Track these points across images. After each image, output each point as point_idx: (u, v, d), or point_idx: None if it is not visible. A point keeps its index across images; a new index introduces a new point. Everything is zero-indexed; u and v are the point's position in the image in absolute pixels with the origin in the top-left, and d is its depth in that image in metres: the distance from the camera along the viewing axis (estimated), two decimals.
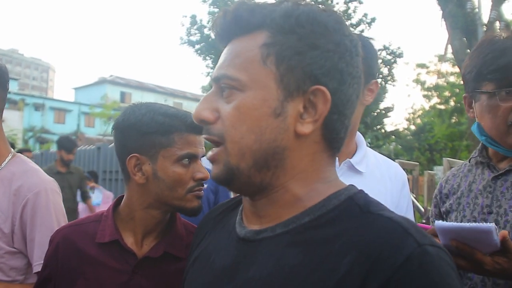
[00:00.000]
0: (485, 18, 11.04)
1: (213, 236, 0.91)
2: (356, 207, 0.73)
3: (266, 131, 0.73)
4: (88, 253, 1.23)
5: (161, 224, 1.28)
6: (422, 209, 5.25)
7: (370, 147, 1.65)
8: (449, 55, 12.68)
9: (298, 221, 0.74)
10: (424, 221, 5.04)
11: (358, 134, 1.53)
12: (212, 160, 0.78)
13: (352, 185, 0.80)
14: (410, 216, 1.49)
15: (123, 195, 1.33)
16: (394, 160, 1.91)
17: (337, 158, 1.37)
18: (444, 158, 5.23)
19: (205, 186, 1.33)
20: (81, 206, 6.35)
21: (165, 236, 1.27)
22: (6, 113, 1.60)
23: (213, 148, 0.77)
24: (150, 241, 1.26)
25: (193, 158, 1.26)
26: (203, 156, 1.31)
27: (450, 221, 1.44)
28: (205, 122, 0.77)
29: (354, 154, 1.45)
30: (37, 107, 37.92)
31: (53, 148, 19.90)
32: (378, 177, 1.44)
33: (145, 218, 1.25)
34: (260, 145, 0.73)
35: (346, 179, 1.34)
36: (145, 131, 1.23)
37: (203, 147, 1.31)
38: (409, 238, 0.64)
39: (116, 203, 1.34)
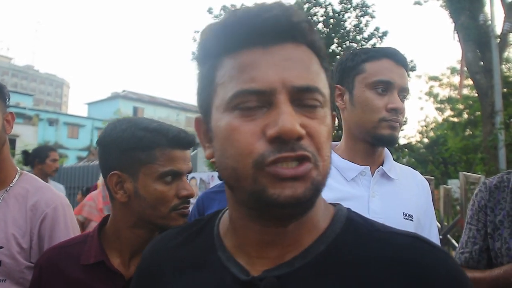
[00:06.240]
0: (498, 30, 10.95)
1: (180, 280, 0.77)
2: (361, 226, 0.73)
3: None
4: (72, 276, 1.17)
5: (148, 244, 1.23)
6: (439, 225, 5.12)
7: None
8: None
9: (315, 251, 0.69)
10: (441, 237, 4.93)
11: None
12: (300, 175, 0.63)
13: (339, 203, 0.79)
14: (435, 222, 1.56)
15: (109, 214, 1.28)
16: None
17: (369, 166, 1.40)
18: (460, 173, 5.12)
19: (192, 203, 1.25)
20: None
21: None
22: (21, 129, 1.63)
23: (291, 163, 0.63)
24: (137, 261, 1.17)
25: (177, 175, 1.19)
26: (189, 173, 1.24)
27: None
28: (300, 138, 0.64)
29: (383, 163, 1.49)
30: (51, 122, 38.42)
31: (67, 163, 20.10)
32: (405, 184, 1.50)
33: (131, 238, 1.20)
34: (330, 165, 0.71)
35: (380, 186, 1.40)
36: (125, 147, 1.17)
37: (189, 163, 1.23)
38: (437, 250, 0.69)
39: (102, 223, 1.28)
